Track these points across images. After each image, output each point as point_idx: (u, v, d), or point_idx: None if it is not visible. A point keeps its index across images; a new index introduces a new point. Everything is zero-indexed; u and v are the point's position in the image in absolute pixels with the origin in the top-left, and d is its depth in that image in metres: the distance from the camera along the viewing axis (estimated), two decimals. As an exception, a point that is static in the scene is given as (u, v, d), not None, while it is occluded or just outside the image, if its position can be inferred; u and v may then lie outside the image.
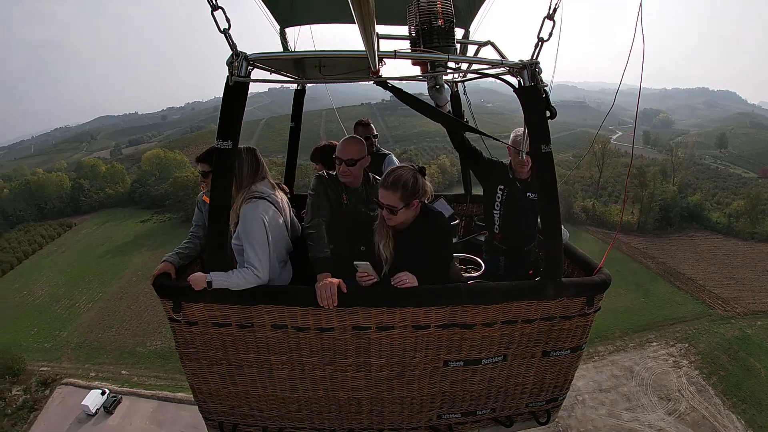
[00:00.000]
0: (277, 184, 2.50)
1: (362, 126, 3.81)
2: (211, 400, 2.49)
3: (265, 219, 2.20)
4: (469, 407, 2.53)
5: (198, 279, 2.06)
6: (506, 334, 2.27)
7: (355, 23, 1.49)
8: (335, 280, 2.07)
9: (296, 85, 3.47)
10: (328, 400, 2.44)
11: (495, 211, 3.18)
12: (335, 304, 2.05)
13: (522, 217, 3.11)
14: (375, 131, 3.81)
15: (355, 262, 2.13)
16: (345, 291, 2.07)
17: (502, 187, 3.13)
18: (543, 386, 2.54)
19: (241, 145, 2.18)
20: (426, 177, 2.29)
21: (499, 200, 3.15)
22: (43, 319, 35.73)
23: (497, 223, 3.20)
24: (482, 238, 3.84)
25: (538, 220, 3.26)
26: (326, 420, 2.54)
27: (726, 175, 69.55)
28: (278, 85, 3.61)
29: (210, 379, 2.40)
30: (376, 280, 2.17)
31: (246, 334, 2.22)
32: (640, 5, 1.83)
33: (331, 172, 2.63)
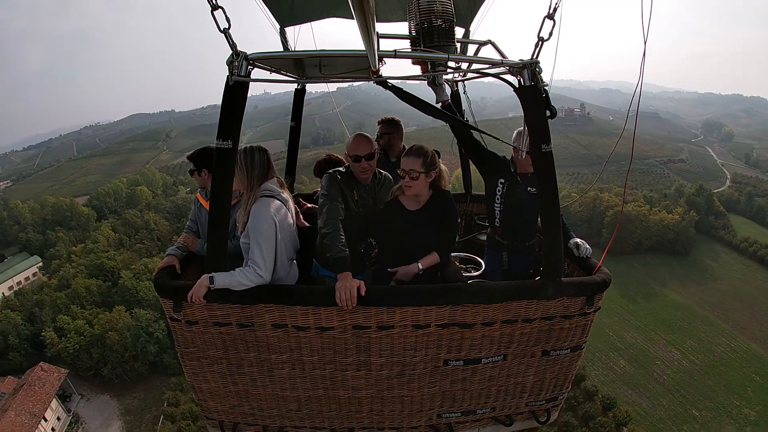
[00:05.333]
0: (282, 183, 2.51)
1: (386, 123, 3.74)
2: (211, 398, 2.50)
3: (276, 218, 2.20)
4: (469, 406, 2.53)
5: (200, 287, 2.06)
6: (506, 333, 2.27)
7: (354, 20, 1.48)
8: (356, 282, 2.07)
9: (296, 84, 3.47)
10: (328, 398, 2.44)
11: (496, 205, 3.15)
12: (354, 305, 2.05)
13: (523, 211, 3.09)
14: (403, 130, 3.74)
15: None
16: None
17: (503, 180, 3.12)
18: (543, 385, 2.54)
19: (252, 144, 2.28)
20: (440, 160, 2.50)
21: (500, 194, 3.13)
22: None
23: (498, 217, 3.17)
24: (483, 237, 3.83)
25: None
26: (326, 419, 2.54)
27: None
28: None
29: (210, 378, 2.40)
30: None
31: (246, 334, 2.22)
32: (641, 5, 1.82)
33: (340, 169, 2.65)
